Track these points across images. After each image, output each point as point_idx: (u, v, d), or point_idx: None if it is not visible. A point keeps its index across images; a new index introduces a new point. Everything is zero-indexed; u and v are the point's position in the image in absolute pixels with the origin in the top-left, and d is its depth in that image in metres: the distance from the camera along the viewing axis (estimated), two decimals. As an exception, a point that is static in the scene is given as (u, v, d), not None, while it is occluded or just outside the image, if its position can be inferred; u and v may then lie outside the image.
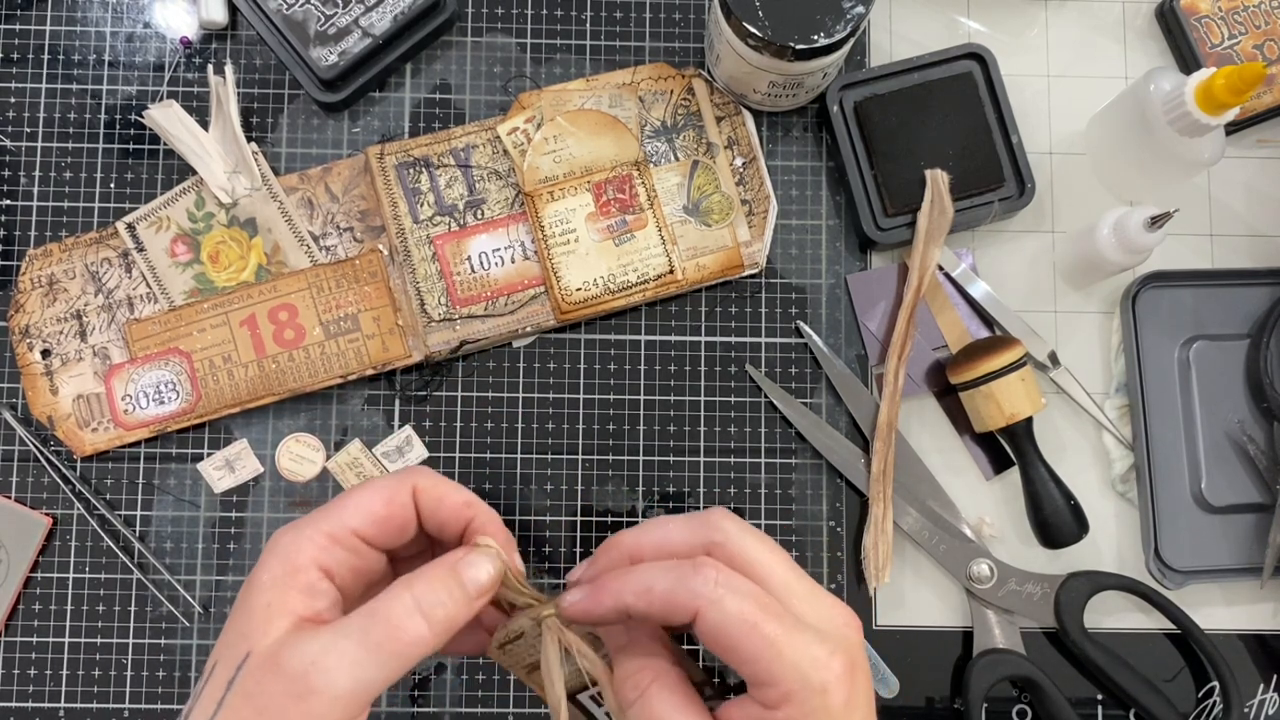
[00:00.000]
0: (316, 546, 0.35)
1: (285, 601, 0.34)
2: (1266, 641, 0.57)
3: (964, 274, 0.58)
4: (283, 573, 0.35)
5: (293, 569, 0.35)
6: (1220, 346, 0.58)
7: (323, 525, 0.36)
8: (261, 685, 0.33)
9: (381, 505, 0.37)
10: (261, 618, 0.34)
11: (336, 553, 0.36)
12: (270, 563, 0.35)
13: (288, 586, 0.34)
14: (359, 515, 0.36)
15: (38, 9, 0.59)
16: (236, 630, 0.34)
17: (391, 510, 0.37)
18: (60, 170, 0.58)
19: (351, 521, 0.36)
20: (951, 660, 0.56)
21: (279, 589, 0.34)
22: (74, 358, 0.56)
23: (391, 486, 0.37)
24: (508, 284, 0.57)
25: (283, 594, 0.34)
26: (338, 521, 0.36)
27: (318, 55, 0.56)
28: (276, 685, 0.32)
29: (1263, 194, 0.60)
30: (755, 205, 0.58)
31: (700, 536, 0.36)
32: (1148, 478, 0.56)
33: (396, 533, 0.38)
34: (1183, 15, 0.59)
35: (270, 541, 0.36)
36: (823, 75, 0.55)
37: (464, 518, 0.38)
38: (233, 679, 0.33)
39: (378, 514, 0.37)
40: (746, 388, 0.58)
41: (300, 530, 0.36)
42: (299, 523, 0.36)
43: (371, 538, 0.37)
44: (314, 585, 0.35)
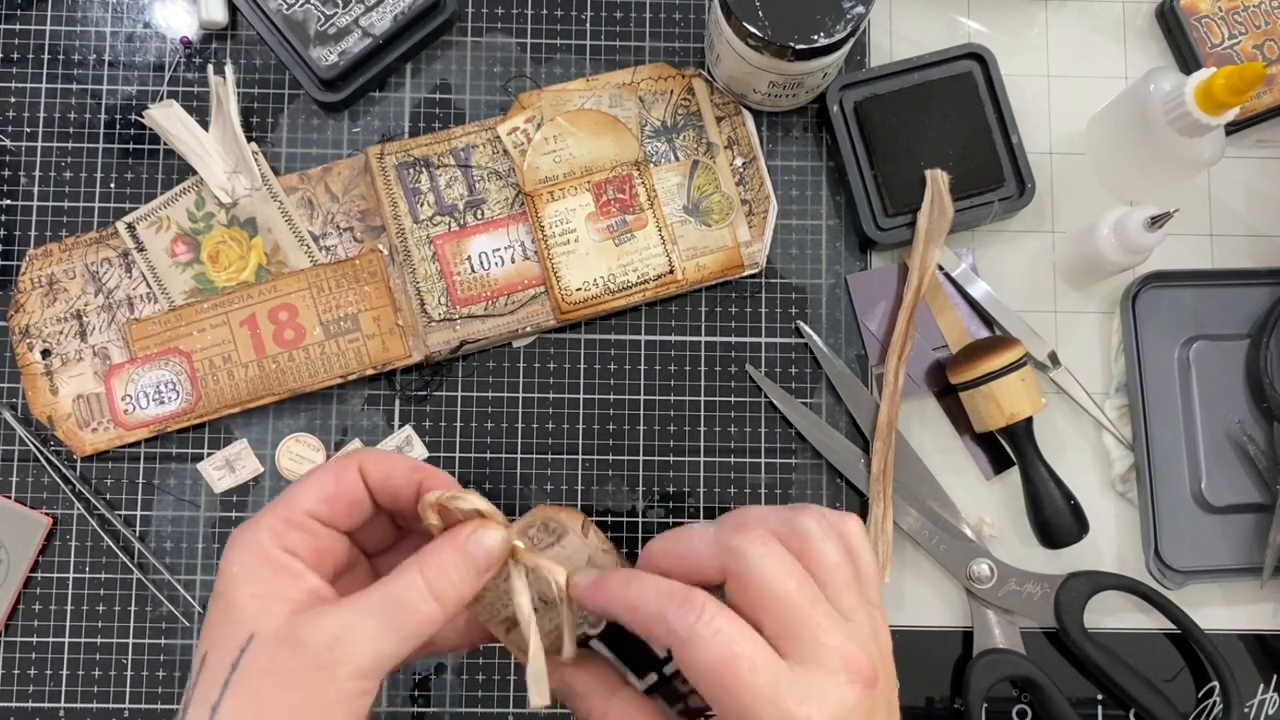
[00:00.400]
0: (274, 533, 0.36)
1: (273, 588, 0.35)
2: (1266, 641, 0.57)
3: (964, 274, 0.58)
4: (252, 563, 0.36)
5: (261, 557, 0.36)
6: (1220, 346, 0.58)
7: (278, 512, 0.37)
8: (278, 661, 0.33)
9: (331, 484, 0.38)
10: (255, 605, 0.35)
11: (294, 536, 0.37)
12: (236, 556, 0.36)
13: (267, 574, 0.35)
14: (310, 497, 0.37)
15: (38, 9, 0.59)
16: (224, 621, 0.35)
17: (340, 488, 0.38)
18: (60, 170, 0.58)
19: (304, 504, 0.37)
20: (951, 660, 0.56)
21: (259, 578, 0.35)
22: (74, 358, 0.56)
23: (337, 466, 0.38)
24: (508, 284, 0.57)
25: (267, 582, 0.35)
26: (291, 506, 0.37)
27: (318, 55, 0.56)
28: (296, 659, 0.33)
29: (1263, 194, 0.60)
30: (755, 205, 0.58)
31: (719, 561, 0.35)
32: (1148, 478, 0.56)
33: (348, 510, 0.38)
34: (1183, 15, 0.59)
35: (230, 538, 0.37)
36: (823, 75, 0.55)
37: (413, 481, 0.39)
38: (236, 660, 0.34)
39: (328, 493, 0.37)
40: (746, 388, 0.58)
41: (258, 521, 0.37)
42: (254, 516, 0.37)
43: (325, 516, 0.37)
44: (288, 566, 0.36)
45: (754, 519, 0.36)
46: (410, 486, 0.39)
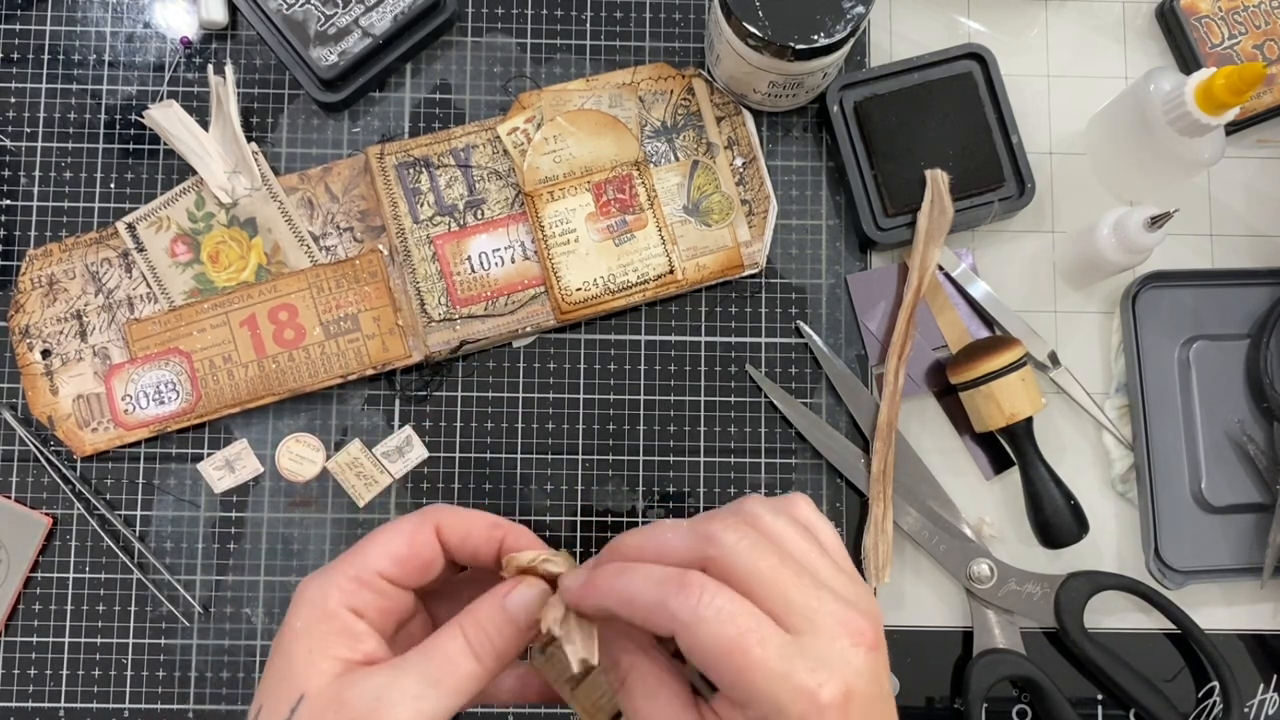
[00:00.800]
0: (343, 591, 0.36)
1: (327, 646, 0.35)
2: (1266, 641, 0.57)
3: (964, 274, 0.58)
4: (315, 619, 0.36)
5: (324, 614, 0.36)
6: (1220, 346, 0.58)
7: (348, 570, 0.36)
8: None
9: (404, 546, 0.37)
10: (305, 662, 0.35)
11: (364, 595, 0.36)
12: (301, 610, 0.36)
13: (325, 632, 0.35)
14: (383, 557, 0.37)
15: (38, 9, 0.59)
16: (278, 676, 0.35)
17: (414, 550, 0.37)
18: (60, 170, 0.58)
19: (376, 564, 0.37)
20: (951, 660, 0.56)
21: (317, 635, 0.35)
22: (74, 358, 0.56)
23: (413, 526, 0.38)
24: (508, 284, 0.57)
25: (323, 639, 0.35)
26: (362, 565, 0.37)
27: (318, 55, 0.56)
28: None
29: (1263, 194, 0.60)
30: (755, 205, 0.58)
31: (697, 551, 0.34)
32: (1148, 478, 0.56)
33: (420, 571, 0.38)
34: (1183, 15, 0.59)
35: (298, 590, 0.37)
36: (823, 75, 0.55)
37: (494, 539, 0.38)
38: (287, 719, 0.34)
39: (400, 554, 0.37)
40: (746, 388, 0.58)
41: (327, 576, 0.36)
42: (324, 569, 0.37)
43: (396, 578, 0.37)
44: (350, 628, 0.36)
45: (716, 514, 0.36)
46: (491, 545, 0.38)
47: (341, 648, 0.35)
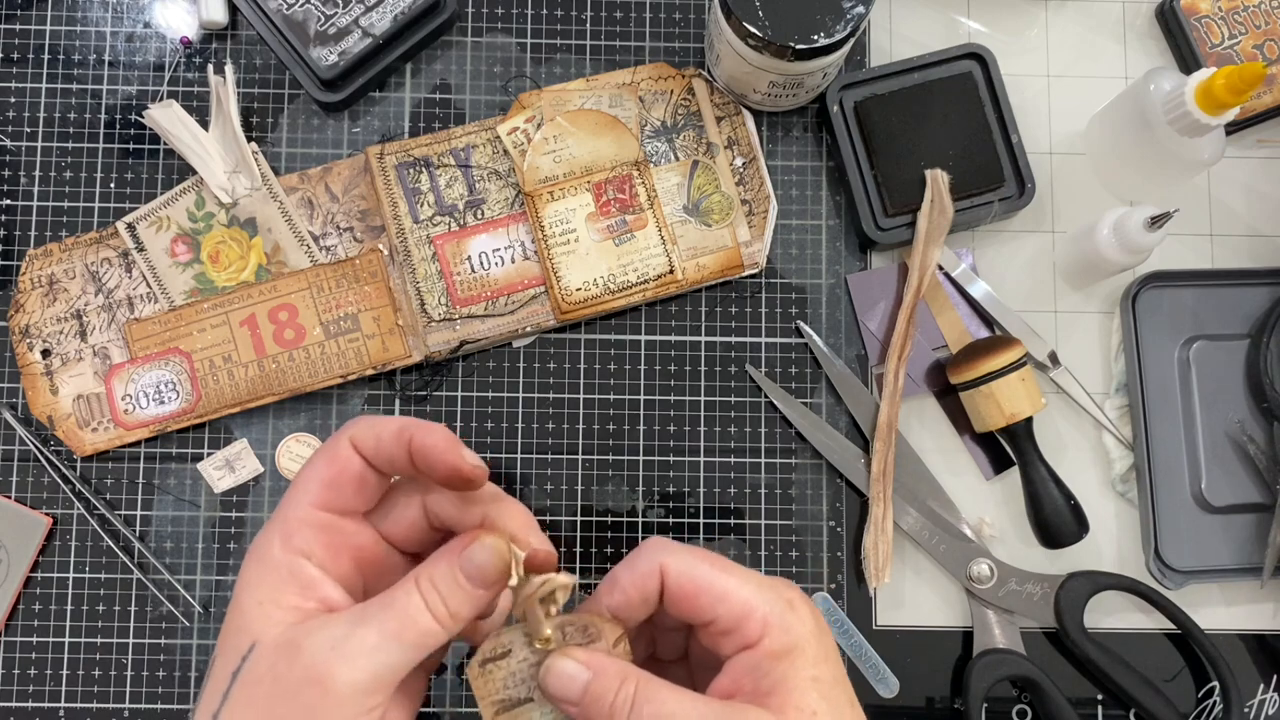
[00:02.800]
0: (283, 535, 0.35)
1: (279, 595, 0.34)
2: (1266, 641, 0.57)
3: (964, 274, 0.58)
4: (263, 569, 0.35)
5: (271, 563, 0.35)
6: (1220, 346, 0.58)
7: (285, 513, 0.36)
8: (276, 670, 0.33)
9: (326, 467, 0.36)
10: (256, 612, 0.34)
11: (306, 534, 0.35)
12: (248, 563, 0.35)
13: (275, 581, 0.35)
14: (309, 488, 0.36)
15: (38, 9, 0.59)
16: (233, 628, 0.34)
17: (337, 467, 0.36)
18: (60, 170, 0.58)
19: (305, 497, 0.36)
20: (951, 660, 0.56)
21: (267, 585, 0.34)
22: (74, 358, 0.56)
23: (328, 447, 0.37)
24: (508, 284, 0.57)
25: (273, 589, 0.34)
26: (294, 503, 0.36)
27: (318, 55, 0.56)
28: (294, 670, 0.32)
29: (1263, 194, 0.60)
30: (755, 205, 0.58)
31: (646, 580, 0.36)
32: (1148, 478, 0.56)
33: (354, 488, 0.37)
34: (1183, 15, 0.59)
35: (250, 547, 0.36)
36: (823, 75, 0.55)
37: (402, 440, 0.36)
38: (238, 669, 0.33)
39: (325, 477, 0.36)
40: (746, 388, 0.58)
41: (269, 527, 0.36)
42: (270, 520, 0.36)
43: (330, 503, 0.36)
44: (300, 573, 0.35)
45: None
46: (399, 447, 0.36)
47: (293, 595, 0.34)
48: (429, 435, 0.36)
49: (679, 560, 0.36)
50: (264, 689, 0.33)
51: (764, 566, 0.56)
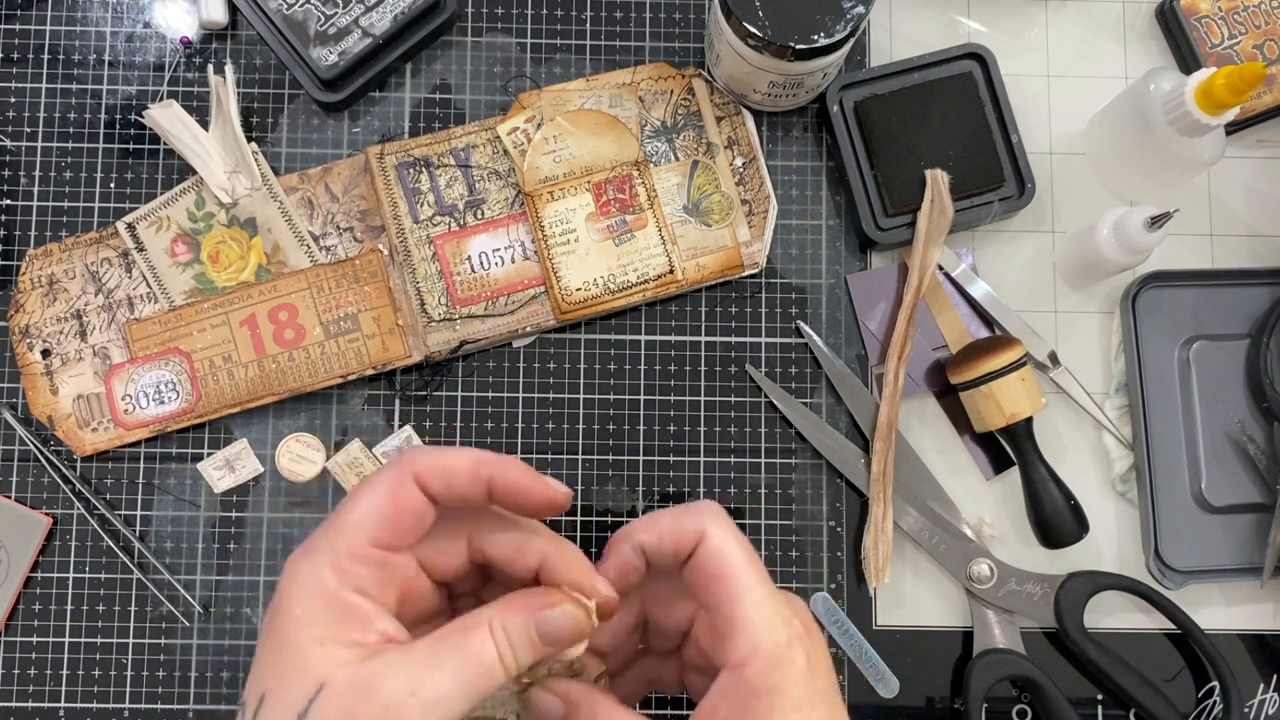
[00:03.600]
0: (340, 571, 0.34)
1: (339, 633, 0.33)
2: (1266, 641, 0.57)
3: (964, 274, 0.58)
4: (318, 605, 0.33)
5: (326, 599, 0.33)
6: (1220, 346, 0.58)
7: (339, 545, 0.34)
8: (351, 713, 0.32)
9: (387, 504, 0.35)
10: (318, 651, 0.33)
11: (359, 571, 0.34)
12: (298, 595, 0.33)
13: (332, 619, 0.33)
14: (370, 523, 0.34)
15: (38, 9, 0.59)
16: (287, 666, 0.33)
17: (400, 507, 0.35)
18: (60, 170, 0.58)
19: (365, 533, 0.34)
20: (951, 660, 0.56)
21: (324, 622, 0.33)
22: (74, 358, 0.56)
23: (391, 480, 0.35)
24: (508, 284, 0.57)
25: (332, 626, 0.33)
26: (352, 538, 0.34)
27: (318, 55, 0.56)
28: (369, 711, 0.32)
29: (1263, 194, 0.60)
30: (755, 205, 0.58)
31: (685, 536, 0.36)
32: (1148, 478, 0.56)
33: (411, 528, 0.36)
34: (1183, 15, 0.59)
35: (288, 570, 0.34)
36: (823, 75, 0.55)
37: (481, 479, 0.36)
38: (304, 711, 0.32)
39: (386, 516, 0.35)
40: (746, 388, 0.58)
41: (318, 555, 0.34)
42: (313, 546, 0.34)
43: (388, 542, 0.35)
44: (357, 610, 0.34)
45: None
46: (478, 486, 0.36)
47: (354, 631, 0.33)
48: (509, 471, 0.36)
49: (721, 537, 0.36)
50: None
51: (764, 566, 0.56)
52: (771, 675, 0.34)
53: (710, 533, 0.36)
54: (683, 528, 0.36)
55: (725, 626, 0.35)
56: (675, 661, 0.41)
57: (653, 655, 0.42)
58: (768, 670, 0.34)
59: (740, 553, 0.36)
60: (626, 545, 0.37)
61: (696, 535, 0.36)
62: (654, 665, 0.42)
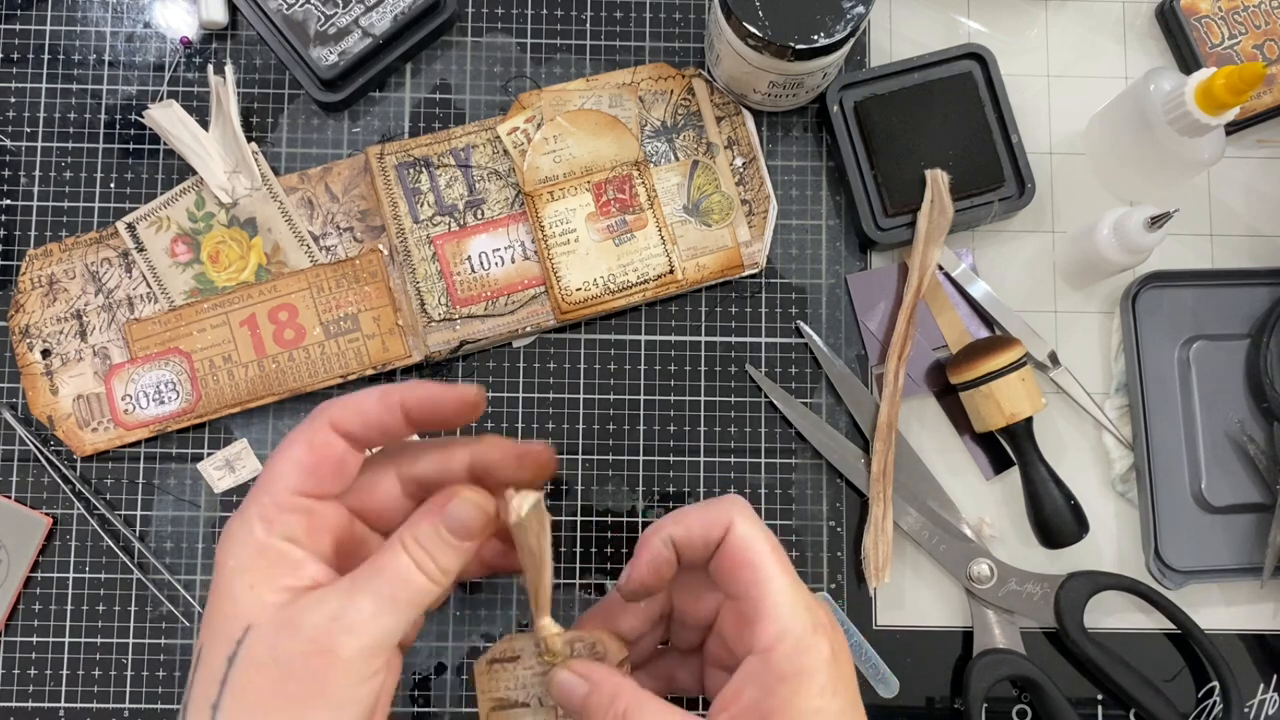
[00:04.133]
0: (268, 520, 0.35)
1: (270, 578, 0.34)
2: (1266, 641, 0.57)
3: (964, 274, 0.58)
4: (249, 554, 0.34)
5: (257, 548, 0.34)
6: (1220, 346, 0.58)
7: (264, 498, 0.35)
8: (277, 649, 0.33)
9: (306, 453, 0.36)
10: (249, 597, 0.34)
11: (288, 519, 0.35)
12: (231, 549, 0.35)
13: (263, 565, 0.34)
14: (292, 473, 0.36)
15: (38, 9, 0.59)
16: (219, 614, 0.34)
17: (318, 453, 0.36)
18: (60, 170, 0.58)
19: (287, 482, 0.35)
20: (951, 660, 0.56)
21: (256, 569, 0.34)
22: (74, 358, 0.56)
23: (308, 431, 0.36)
24: (508, 284, 0.57)
25: (263, 572, 0.34)
26: (274, 488, 0.35)
27: (318, 55, 0.56)
28: (295, 645, 0.32)
29: (1263, 194, 0.60)
30: (755, 205, 0.58)
31: (713, 527, 0.37)
32: (1148, 478, 0.56)
33: (334, 472, 0.37)
34: (1183, 15, 0.59)
35: (224, 532, 0.36)
36: (823, 75, 0.55)
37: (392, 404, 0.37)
38: (233, 654, 0.33)
39: (306, 463, 0.36)
40: (746, 388, 0.58)
41: (245, 511, 0.35)
42: (243, 505, 0.36)
43: (313, 489, 0.36)
44: (287, 555, 0.35)
45: None
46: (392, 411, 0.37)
47: (284, 577, 0.34)
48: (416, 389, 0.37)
49: (748, 526, 0.37)
50: (266, 670, 0.32)
51: (764, 566, 0.56)
52: (798, 659, 0.34)
53: (736, 523, 0.37)
54: (710, 519, 0.37)
55: (752, 612, 0.35)
56: (695, 661, 0.42)
57: (674, 654, 0.43)
58: (795, 654, 0.34)
59: (766, 542, 0.37)
60: (657, 539, 0.38)
61: (724, 525, 0.37)
62: (673, 664, 0.43)
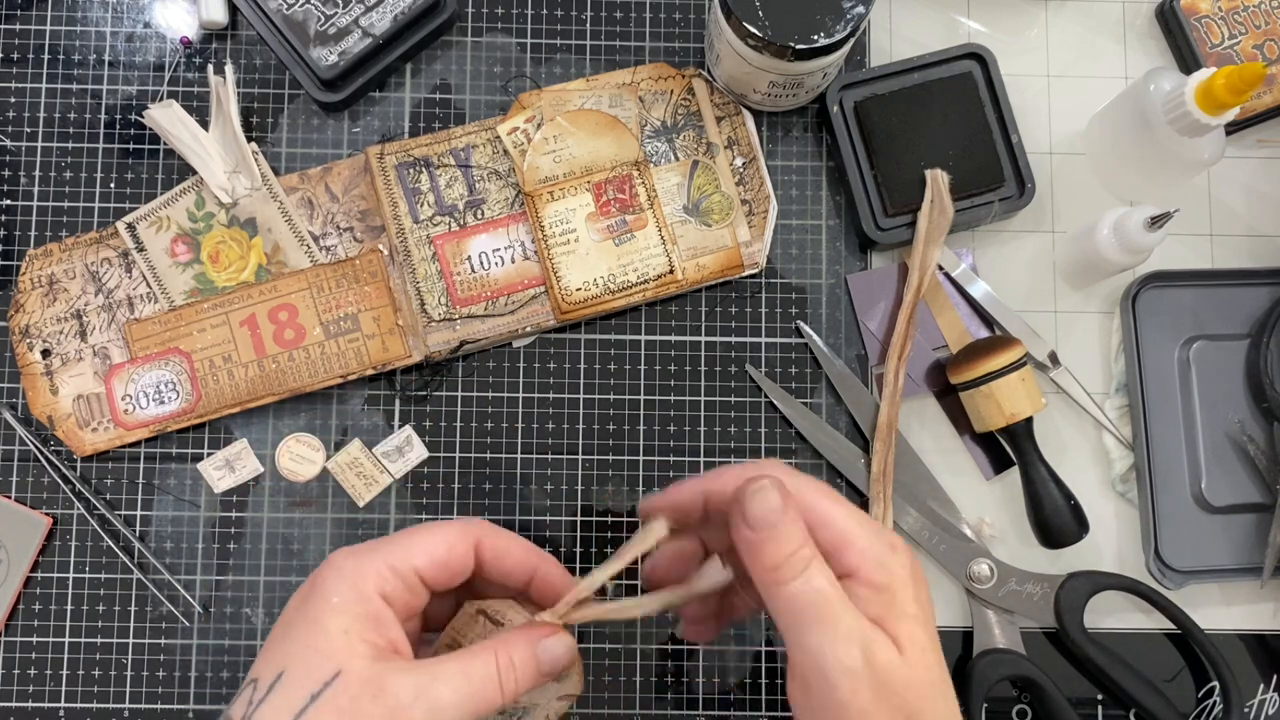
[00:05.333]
0: (381, 577, 0.37)
1: (363, 629, 0.36)
2: (1266, 641, 0.57)
3: (964, 274, 0.58)
4: (352, 599, 0.36)
5: (361, 595, 0.36)
6: (1220, 346, 0.58)
7: (388, 558, 0.37)
8: (359, 704, 0.34)
9: (444, 550, 0.38)
10: (342, 640, 0.35)
11: (397, 586, 0.37)
12: (338, 586, 0.37)
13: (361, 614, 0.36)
14: (423, 555, 0.38)
15: (38, 9, 0.59)
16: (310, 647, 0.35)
17: (452, 557, 0.39)
18: (60, 170, 0.58)
19: (415, 560, 0.38)
20: (952, 660, 0.56)
21: (353, 615, 0.36)
22: (74, 358, 0.56)
23: (455, 533, 0.39)
24: (508, 284, 0.57)
25: (359, 621, 0.36)
26: (402, 558, 0.38)
27: (318, 55, 0.56)
28: (377, 707, 0.34)
29: (1263, 194, 0.60)
30: (755, 205, 0.58)
31: None
32: (1148, 478, 0.56)
33: (450, 578, 0.39)
34: (1183, 15, 0.59)
35: (331, 563, 0.37)
36: (823, 75, 0.55)
37: (529, 567, 0.41)
38: (318, 692, 0.34)
39: (439, 558, 0.38)
40: (746, 388, 0.58)
41: (366, 558, 0.37)
42: (363, 550, 0.38)
43: (429, 578, 0.38)
44: (381, 614, 0.37)
45: None
46: (524, 571, 0.41)
47: (373, 633, 0.36)
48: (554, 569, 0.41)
49: (792, 480, 0.38)
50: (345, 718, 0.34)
51: (764, 566, 0.56)
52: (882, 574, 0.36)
53: (781, 478, 0.37)
54: (749, 475, 0.38)
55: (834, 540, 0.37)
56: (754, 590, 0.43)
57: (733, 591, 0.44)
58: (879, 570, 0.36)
59: (814, 490, 0.38)
60: (687, 488, 0.40)
61: None
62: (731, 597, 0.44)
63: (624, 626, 0.56)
